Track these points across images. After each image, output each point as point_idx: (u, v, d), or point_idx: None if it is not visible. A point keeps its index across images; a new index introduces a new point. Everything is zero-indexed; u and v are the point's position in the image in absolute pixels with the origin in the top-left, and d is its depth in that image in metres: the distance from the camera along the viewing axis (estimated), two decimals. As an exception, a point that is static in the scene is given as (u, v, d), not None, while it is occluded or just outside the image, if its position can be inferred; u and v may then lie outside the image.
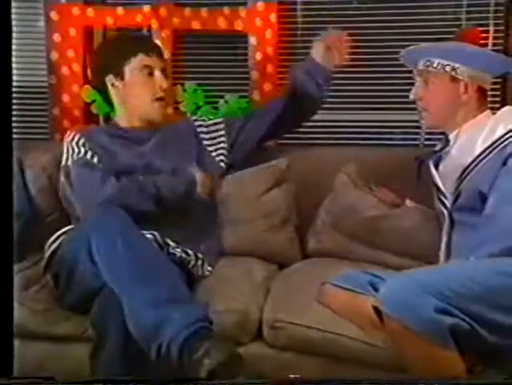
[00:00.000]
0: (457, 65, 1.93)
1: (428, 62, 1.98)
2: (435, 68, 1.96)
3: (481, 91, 1.97)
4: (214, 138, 2.26)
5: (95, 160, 2.02)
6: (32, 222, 2.23)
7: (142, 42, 2.18)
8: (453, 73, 1.94)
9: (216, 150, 2.25)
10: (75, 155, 2.02)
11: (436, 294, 1.51)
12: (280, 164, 2.35)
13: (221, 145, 2.26)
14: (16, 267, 1.99)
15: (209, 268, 2.04)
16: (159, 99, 2.09)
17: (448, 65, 1.94)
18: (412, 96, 2.04)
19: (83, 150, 2.02)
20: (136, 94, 2.10)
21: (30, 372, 1.73)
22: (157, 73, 2.08)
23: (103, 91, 2.20)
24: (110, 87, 2.13)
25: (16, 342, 1.66)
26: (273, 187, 2.30)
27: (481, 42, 2.48)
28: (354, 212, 2.19)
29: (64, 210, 2.20)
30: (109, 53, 2.22)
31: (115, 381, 1.43)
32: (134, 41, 2.25)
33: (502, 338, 1.56)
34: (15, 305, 1.72)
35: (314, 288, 1.86)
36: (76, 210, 1.98)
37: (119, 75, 2.10)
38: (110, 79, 2.12)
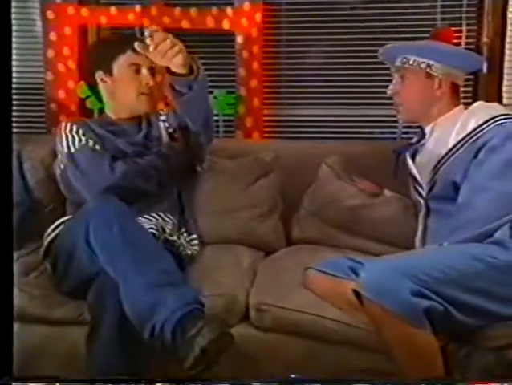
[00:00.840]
0: (431, 62, 1.94)
1: (404, 60, 1.98)
2: (411, 65, 1.97)
3: (454, 87, 1.98)
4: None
5: (98, 147, 2.01)
6: (30, 212, 2.22)
7: (131, 41, 2.17)
8: (427, 70, 1.95)
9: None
10: (76, 143, 2.00)
11: (413, 278, 1.53)
12: (266, 156, 2.37)
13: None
14: (16, 254, 2.00)
15: (196, 246, 2.07)
16: (144, 94, 2.08)
17: (423, 62, 1.95)
18: (389, 92, 2.05)
19: (83, 138, 2.00)
20: (122, 89, 2.09)
21: (29, 354, 1.75)
22: (144, 70, 2.07)
23: (93, 87, 2.19)
24: (99, 83, 2.13)
25: (16, 326, 1.67)
26: (260, 177, 2.31)
27: (455, 40, 2.49)
28: (336, 201, 2.21)
29: (61, 200, 2.19)
30: (100, 50, 2.21)
31: (115, 381, 1.43)
32: (124, 39, 2.24)
33: (474, 319, 1.58)
34: (16, 290, 1.74)
35: (298, 273, 1.88)
36: (81, 196, 1.97)
37: (108, 71, 2.09)
38: (99, 75, 2.11)
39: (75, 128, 2.03)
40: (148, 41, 1.66)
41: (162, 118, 2.16)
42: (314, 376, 1.70)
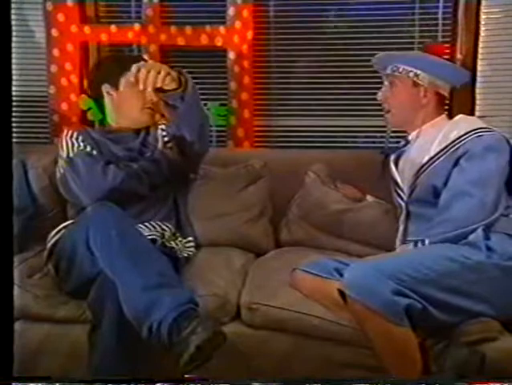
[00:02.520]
0: (418, 71, 1.95)
1: (394, 68, 1.99)
2: (400, 73, 1.97)
3: (439, 97, 1.99)
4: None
5: (95, 152, 2.01)
6: (35, 217, 2.23)
7: (138, 60, 2.18)
8: (415, 78, 1.95)
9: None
10: (75, 148, 2.01)
11: (393, 278, 1.54)
12: (256, 163, 2.36)
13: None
14: (21, 257, 2.00)
15: (192, 248, 2.06)
16: (147, 108, 2.09)
17: (411, 71, 1.95)
18: (378, 97, 2.04)
19: (82, 144, 2.01)
20: (127, 103, 2.10)
21: (34, 350, 1.74)
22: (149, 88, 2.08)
23: (98, 98, 2.19)
24: (105, 95, 2.13)
25: (21, 324, 1.66)
26: (250, 184, 2.32)
27: (445, 55, 2.48)
28: (321, 206, 2.21)
29: (63, 205, 2.19)
30: (109, 65, 2.21)
31: (115, 381, 1.43)
32: (132, 58, 2.27)
33: (450, 316, 1.59)
34: (20, 291, 1.73)
35: (287, 274, 1.88)
36: (80, 199, 1.97)
37: (115, 86, 2.10)
38: (106, 88, 2.11)
39: (75, 135, 2.04)
40: (135, 78, 1.70)
41: (161, 126, 2.16)
42: (303, 370, 1.71)
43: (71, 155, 2.00)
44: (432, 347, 1.59)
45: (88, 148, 2.01)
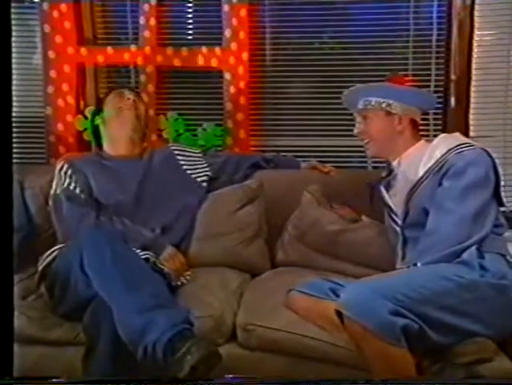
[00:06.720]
0: (390, 101, 1.97)
1: (366, 102, 2.00)
2: (373, 106, 1.99)
3: (413, 123, 2.00)
4: (195, 165, 2.30)
5: (78, 190, 2.05)
6: (30, 237, 2.22)
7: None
8: (387, 108, 1.97)
9: (198, 175, 2.29)
10: (60, 184, 2.06)
11: (391, 299, 1.54)
12: (252, 183, 2.36)
13: (205, 172, 2.31)
14: (15, 278, 1.98)
15: (187, 275, 2.04)
16: (125, 133, 2.13)
17: (383, 102, 1.97)
18: (355, 132, 2.07)
19: (68, 180, 2.06)
20: (109, 128, 2.15)
21: (28, 373, 1.72)
22: (126, 112, 2.12)
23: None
24: (96, 120, 2.18)
25: (15, 347, 1.64)
26: (246, 204, 2.31)
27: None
28: (317, 226, 2.20)
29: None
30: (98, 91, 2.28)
31: (116, 381, 1.41)
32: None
33: (445, 337, 1.59)
34: (14, 312, 1.71)
35: (282, 294, 1.87)
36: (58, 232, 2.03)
37: (101, 110, 2.17)
38: (95, 113, 2.17)
39: (65, 168, 2.08)
40: None
41: (177, 152, 2.26)
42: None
43: (57, 191, 2.06)
44: (428, 368, 1.58)
45: (72, 186, 2.05)
